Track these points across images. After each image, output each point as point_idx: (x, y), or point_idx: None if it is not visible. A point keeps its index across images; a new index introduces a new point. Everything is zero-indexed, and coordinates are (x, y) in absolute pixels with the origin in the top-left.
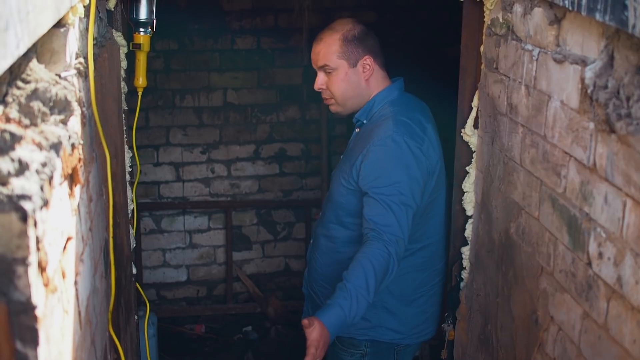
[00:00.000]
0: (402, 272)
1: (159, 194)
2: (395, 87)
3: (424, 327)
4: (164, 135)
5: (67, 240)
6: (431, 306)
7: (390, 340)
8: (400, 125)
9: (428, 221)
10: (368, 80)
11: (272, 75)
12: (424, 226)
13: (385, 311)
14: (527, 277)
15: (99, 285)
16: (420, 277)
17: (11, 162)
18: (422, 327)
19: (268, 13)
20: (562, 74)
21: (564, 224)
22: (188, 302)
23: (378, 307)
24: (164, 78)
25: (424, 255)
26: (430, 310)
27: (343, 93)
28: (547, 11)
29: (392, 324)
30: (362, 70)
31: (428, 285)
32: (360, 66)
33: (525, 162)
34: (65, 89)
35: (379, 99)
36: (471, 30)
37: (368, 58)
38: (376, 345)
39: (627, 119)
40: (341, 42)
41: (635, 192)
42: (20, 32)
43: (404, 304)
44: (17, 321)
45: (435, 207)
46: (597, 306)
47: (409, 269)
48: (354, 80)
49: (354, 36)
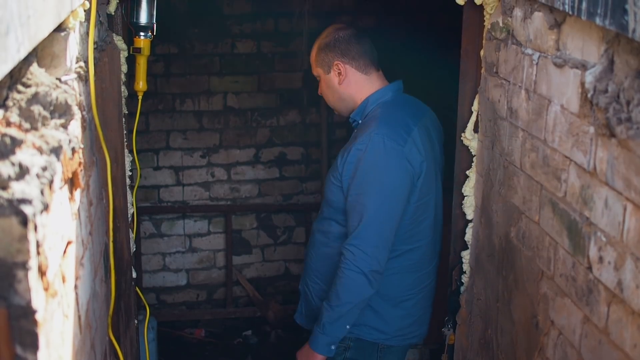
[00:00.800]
0: (389, 272)
1: (159, 197)
2: (389, 89)
3: (410, 329)
4: (164, 139)
5: (67, 244)
6: (419, 309)
7: (374, 339)
8: (382, 126)
9: (419, 224)
10: (343, 84)
11: (272, 80)
12: (413, 229)
13: (370, 310)
14: (528, 282)
15: (99, 289)
16: (408, 279)
17: (12, 166)
18: (409, 329)
19: (268, 17)
20: (562, 78)
21: (564, 228)
22: (188, 306)
23: (365, 306)
24: (164, 82)
25: (413, 257)
26: (418, 314)
27: (328, 98)
28: (547, 15)
29: (376, 324)
30: (334, 75)
31: (417, 288)
32: (332, 72)
33: (526, 166)
34: (65, 93)
35: (373, 99)
36: (471, 35)
37: (338, 64)
38: (360, 342)
39: (628, 123)
40: (317, 51)
41: (635, 197)
42: (21, 36)
43: (390, 305)
44: (17, 325)
45: (425, 210)
46: (597, 310)
47: (396, 270)
48: (332, 86)
49: (326, 44)
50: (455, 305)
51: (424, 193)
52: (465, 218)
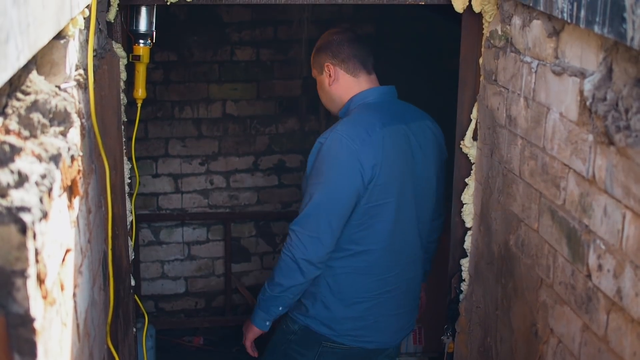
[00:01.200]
0: (342, 271)
1: (158, 205)
2: (374, 91)
3: (362, 333)
4: (163, 147)
5: (66, 252)
6: (375, 315)
7: (322, 333)
8: (346, 125)
9: (370, 227)
10: (332, 85)
11: (271, 87)
12: (364, 230)
13: (322, 305)
14: (527, 290)
15: (98, 297)
16: (361, 281)
17: (11, 174)
18: (361, 332)
19: (267, 25)
20: (561, 86)
21: (563, 236)
22: (186, 314)
23: (317, 300)
24: (163, 89)
25: (366, 259)
26: (373, 319)
27: (321, 98)
28: (546, 24)
29: (326, 320)
30: (326, 76)
31: (372, 292)
32: (324, 73)
33: (525, 174)
34: (65, 101)
35: (356, 100)
36: (470, 42)
37: (328, 65)
38: (307, 332)
39: (626, 131)
40: (313, 53)
41: (634, 204)
42: (20, 44)
43: (343, 305)
44: (16, 334)
45: (379, 214)
46: (597, 318)
47: (348, 270)
48: (323, 87)
49: (320, 46)
50: (454, 313)
51: (379, 197)
52: (465, 226)
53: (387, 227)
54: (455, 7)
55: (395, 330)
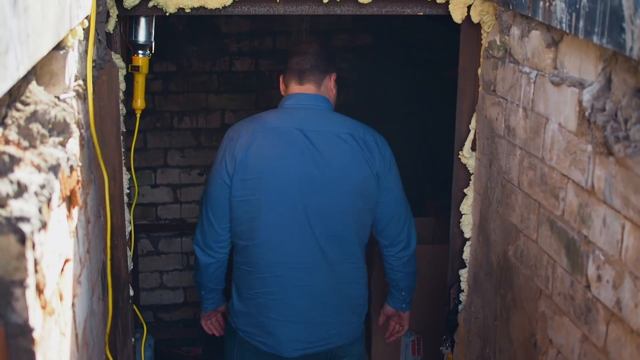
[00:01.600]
0: (236, 265)
1: (157, 215)
2: (293, 96)
3: (253, 330)
4: (161, 157)
5: (65, 262)
6: (261, 316)
7: (230, 323)
8: (240, 121)
9: (248, 222)
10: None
11: (269, 97)
12: (242, 225)
13: (232, 297)
14: (526, 300)
15: (97, 307)
16: (246, 277)
17: (10, 184)
18: (252, 330)
19: (266, 35)
20: (560, 96)
21: (562, 246)
22: (185, 324)
23: (232, 292)
24: (162, 100)
25: (250, 255)
26: (260, 319)
27: None
28: (545, 34)
29: (232, 311)
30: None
31: (257, 290)
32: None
33: (523, 184)
34: (64, 111)
35: (279, 103)
36: (469, 53)
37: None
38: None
39: (625, 141)
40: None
41: (634, 215)
42: (20, 55)
43: (239, 298)
44: (15, 344)
45: (252, 210)
46: (596, 329)
47: (238, 264)
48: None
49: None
50: (453, 323)
51: (245, 192)
52: (463, 236)
53: (260, 226)
54: (453, 18)
55: (290, 340)
